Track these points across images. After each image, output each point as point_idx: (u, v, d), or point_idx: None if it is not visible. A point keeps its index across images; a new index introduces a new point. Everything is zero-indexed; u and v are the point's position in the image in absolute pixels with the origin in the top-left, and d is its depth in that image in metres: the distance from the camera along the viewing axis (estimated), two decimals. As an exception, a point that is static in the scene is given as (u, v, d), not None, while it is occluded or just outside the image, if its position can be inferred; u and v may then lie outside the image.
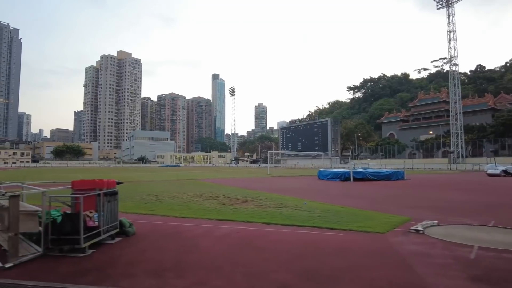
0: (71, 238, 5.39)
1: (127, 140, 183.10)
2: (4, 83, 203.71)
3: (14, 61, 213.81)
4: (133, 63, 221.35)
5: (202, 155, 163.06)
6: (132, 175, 38.64)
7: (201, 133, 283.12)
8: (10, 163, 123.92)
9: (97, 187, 6.13)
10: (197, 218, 8.84)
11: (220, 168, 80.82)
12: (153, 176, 34.53)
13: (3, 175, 37.71)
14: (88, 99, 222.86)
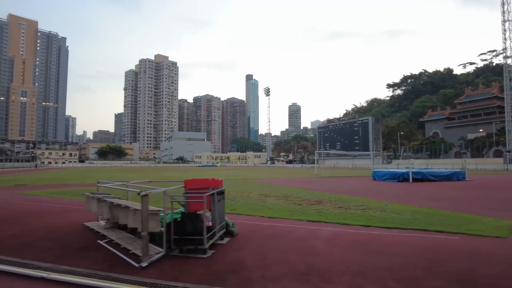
0: (194, 238, 5.30)
1: (165, 140, 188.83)
2: (54, 89, 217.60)
3: (62, 68, 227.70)
4: (170, 66, 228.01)
5: (238, 155, 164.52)
6: (182, 174, 39.53)
7: (235, 133, 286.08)
8: (60, 163, 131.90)
9: (210, 186, 6.04)
10: (285, 218, 8.63)
11: (259, 168, 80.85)
12: (203, 176, 35.00)
13: (65, 175, 39.90)
14: (128, 102, 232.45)
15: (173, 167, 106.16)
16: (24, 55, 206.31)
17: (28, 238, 6.60)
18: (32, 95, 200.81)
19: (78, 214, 9.68)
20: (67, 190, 18.08)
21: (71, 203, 11.98)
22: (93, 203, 7.36)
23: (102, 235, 6.76)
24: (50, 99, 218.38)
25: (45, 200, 13.06)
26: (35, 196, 14.66)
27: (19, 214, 9.56)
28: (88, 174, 39.89)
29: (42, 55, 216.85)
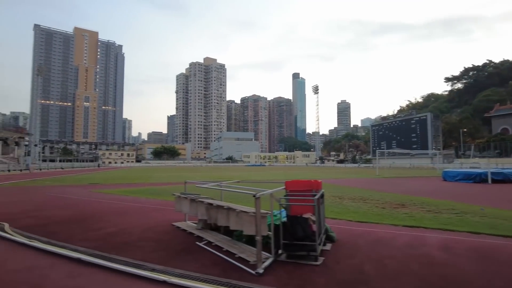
0: (305, 244, 4.97)
1: (215, 141, 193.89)
2: (112, 94, 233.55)
3: (119, 74, 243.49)
4: (218, 68, 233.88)
5: (286, 154, 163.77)
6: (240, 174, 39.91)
7: (282, 133, 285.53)
8: (119, 162, 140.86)
9: (313, 188, 5.69)
10: (377, 223, 8.03)
11: (311, 168, 79.50)
12: (261, 176, 35.04)
13: (128, 174, 42.25)
14: (180, 104, 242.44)
15: (225, 166, 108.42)
16: (87, 64, 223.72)
17: (126, 237, 6.72)
18: (93, 100, 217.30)
19: (162, 213, 9.87)
20: (138, 189, 18.91)
21: (150, 202, 12.34)
22: (184, 203, 7.37)
23: (197, 236, 6.71)
24: (109, 103, 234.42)
25: (124, 199, 13.63)
26: (112, 195, 15.41)
27: (107, 213, 9.96)
28: (149, 174, 41.82)
29: (102, 62, 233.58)
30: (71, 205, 11.92)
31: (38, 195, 15.40)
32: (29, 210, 10.62)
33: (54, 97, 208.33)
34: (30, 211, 10.39)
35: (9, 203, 12.58)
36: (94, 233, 7.03)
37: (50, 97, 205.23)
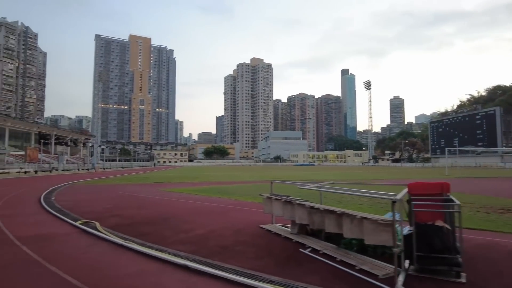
0: (446, 257, 4.22)
1: (262, 140, 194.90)
2: (165, 97, 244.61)
3: (170, 78, 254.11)
4: (265, 68, 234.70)
5: (336, 153, 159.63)
6: (297, 173, 39.27)
7: (330, 131, 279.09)
8: (173, 162, 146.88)
9: (443, 191, 4.89)
10: (494, 231, 6.96)
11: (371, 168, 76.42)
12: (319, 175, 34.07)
13: (186, 173, 43.46)
14: (228, 105, 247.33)
15: (274, 165, 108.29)
16: (141, 69, 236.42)
17: (220, 240, 6.42)
18: (148, 103, 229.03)
19: (242, 213, 9.58)
20: (204, 188, 19.04)
21: (224, 202, 12.15)
22: (276, 205, 6.92)
23: (296, 242, 6.21)
24: (162, 106, 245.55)
25: (197, 198, 13.62)
26: (183, 194, 15.55)
27: (187, 213, 9.86)
28: (206, 173, 42.65)
29: (155, 67, 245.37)
30: (149, 204, 12.10)
31: (113, 194, 16.02)
32: (110, 208, 10.90)
33: (112, 101, 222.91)
34: (112, 209, 10.65)
35: (90, 201, 13.14)
36: (185, 235, 6.83)
37: (109, 101, 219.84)
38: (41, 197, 14.30)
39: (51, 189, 18.26)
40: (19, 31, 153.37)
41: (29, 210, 10.61)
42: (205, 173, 40.60)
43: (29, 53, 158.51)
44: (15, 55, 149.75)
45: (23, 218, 9.02)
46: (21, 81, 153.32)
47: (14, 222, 8.33)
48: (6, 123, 70.06)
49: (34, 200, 13.48)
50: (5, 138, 68.54)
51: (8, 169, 39.96)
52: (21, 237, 6.56)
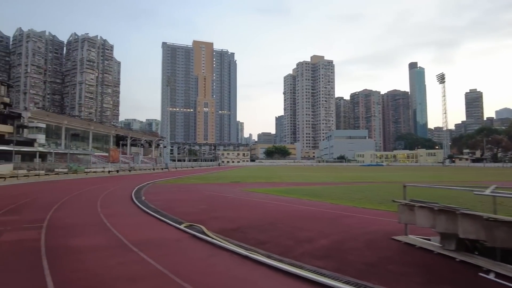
0: None
1: (324, 140, 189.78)
2: (226, 99, 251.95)
3: (232, 80, 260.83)
4: (326, 65, 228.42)
5: (406, 153, 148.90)
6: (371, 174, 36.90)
7: (398, 129, 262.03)
8: (236, 161, 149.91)
9: None
10: None
11: (453, 169, 69.79)
12: (405, 177, 31.42)
13: (253, 172, 43.30)
14: (287, 105, 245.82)
15: (339, 166, 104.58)
16: (204, 73, 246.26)
17: (358, 255, 5.33)
18: (211, 106, 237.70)
19: (355, 220, 8.42)
20: (286, 188, 18.16)
21: (321, 205, 11.04)
22: (421, 214, 5.62)
23: (461, 261, 4.86)
24: (224, 108, 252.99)
25: (289, 201, 12.72)
26: (269, 195, 14.78)
27: (289, 217, 8.96)
28: (273, 173, 41.98)
29: (217, 70, 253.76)
30: (242, 205, 11.50)
31: (199, 193, 15.85)
32: (206, 210, 10.44)
33: (179, 105, 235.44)
34: (208, 211, 10.17)
35: (181, 201, 12.94)
36: (310, 246, 5.86)
37: (176, 104, 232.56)
38: (132, 196, 14.56)
39: (137, 188, 18.81)
40: (98, 44, 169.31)
41: (127, 210, 10.58)
42: (276, 173, 39.92)
43: (106, 63, 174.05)
44: (95, 66, 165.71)
45: (125, 219, 8.85)
46: (100, 89, 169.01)
47: (119, 223, 8.13)
48: (89, 127, 77.20)
49: (126, 198, 13.72)
50: (89, 140, 75.60)
51: (94, 169, 43.40)
52: (135, 242, 6.14)
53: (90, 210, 10.49)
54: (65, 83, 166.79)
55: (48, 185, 21.41)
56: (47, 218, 8.69)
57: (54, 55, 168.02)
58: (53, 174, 34.15)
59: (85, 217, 9.14)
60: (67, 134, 66.92)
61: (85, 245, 5.93)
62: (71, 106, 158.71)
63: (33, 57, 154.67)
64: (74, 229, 7.39)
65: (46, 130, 58.11)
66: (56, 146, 58.70)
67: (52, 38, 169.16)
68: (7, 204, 11.74)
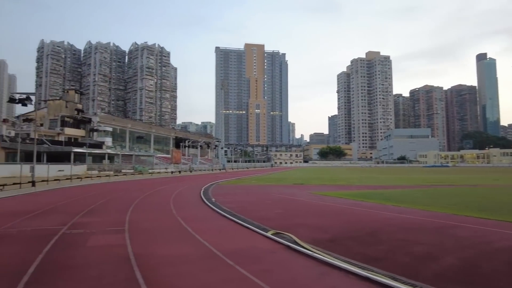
0: None
1: (382, 139, 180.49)
2: (278, 100, 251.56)
3: (283, 81, 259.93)
4: (383, 61, 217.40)
5: (476, 153, 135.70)
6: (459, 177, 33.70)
7: (464, 127, 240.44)
8: (288, 163, 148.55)
9: None
10: None
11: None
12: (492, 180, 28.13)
13: (314, 174, 41.93)
14: (341, 103, 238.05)
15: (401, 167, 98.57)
16: (256, 75, 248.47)
17: (505, 281, 4.08)
18: (263, 107, 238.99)
19: (469, 232, 7.00)
20: (359, 192, 16.78)
21: (416, 213, 9.68)
22: None
23: None
24: (275, 109, 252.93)
25: (372, 206, 11.45)
26: (343, 199, 13.59)
27: (388, 226, 7.78)
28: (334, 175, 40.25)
29: (268, 72, 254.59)
30: (320, 211, 10.51)
31: (268, 196, 15.14)
32: (283, 214, 9.64)
33: (232, 107, 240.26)
34: (286, 216, 9.36)
35: (253, 204, 12.28)
36: (436, 266, 4.76)
37: (229, 107, 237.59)
38: (201, 196, 14.29)
39: (204, 188, 18.65)
40: (156, 52, 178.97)
41: (202, 213, 10.13)
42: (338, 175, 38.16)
43: (164, 69, 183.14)
44: (154, 72, 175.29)
45: (205, 224, 8.32)
46: (158, 94, 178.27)
47: (201, 228, 7.57)
48: (151, 130, 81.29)
49: (197, 200, 13.44)
50: (151, 142, 79.58)
51: (158, 170, 45.15)
52: (226, 252, 5.47)
53: (166, 212, 10.21)
54: (127, 90, 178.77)
55: (119, 185, 22.26)
56: (126, 221, 8.47)
57: (118, 64, 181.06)
58: (121, 174, 36.00)
59: (163, 220, 8.81)
60: (130, 136, 71.08)
61: (175, 255, 5.38)
62: (133, 111, 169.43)
63: (100, 66, 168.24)
64: (157, 234, 6.98)
65: (112, 133, 62.16)
66: (121, 148, 62.48)
67: (115, 48, 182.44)
68: (87, 204, 11.99)
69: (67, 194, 16.24)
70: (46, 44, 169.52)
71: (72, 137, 54.32)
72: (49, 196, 15.29)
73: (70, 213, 9.81)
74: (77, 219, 8.63)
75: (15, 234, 6.81)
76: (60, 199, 13.83)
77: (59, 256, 5.22)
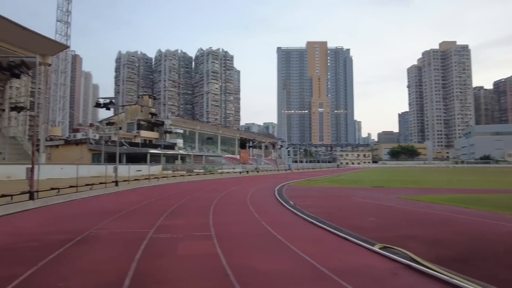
0: None
1: (461, 137, 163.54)
2: (342, 98, 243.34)
3: (348, 78, 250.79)
4: (459, 51, 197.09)
5: None
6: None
7: None
8: (356, 163, 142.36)
9: None
10: None
11: None
12: None
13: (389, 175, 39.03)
14: (413, 99, 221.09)
15: (486, 167, 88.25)
16: (318, 73, 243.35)
17: None
18: (326, 105, 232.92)
19: None
20: (455, 196, 14.66)
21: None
22: None
23: None
24: (340, 107, 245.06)
25: (484, 215, 9.64)
26: (441, 205, 11.79)
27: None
28: (417, 176, 36.88)
29: (332, 69, 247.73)
30: (427, 220, 9.03)
31: (347, 199, 13.91)
32: (379, 223, 8.43)
33: (294, 107, 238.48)
34: (384, 225, 8.15)
35: (338, 209, 11.18)
36: None
37: (291, 107, 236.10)
38: (277, 199, 13.61)
39: (276, 190, 17.99)
40: (220, 56, 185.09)
41: (286, 217, 9.35)
42: (419, 177, 34.90)
43: (228, 73, 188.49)
44: (219, 76, 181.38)
45: (294, 231, 7.49)
46: (223, 97, 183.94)
47: (291, 237, 6.77)
48: (218, 131, 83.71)
49: (273, 201, 12.78)
50: (218, 143, 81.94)
51: (226, 169, 45.94)
52: (333, 270, 4.58)
53: (247, 215, 9.65)
54: (195, 94, 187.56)
55: (193, 185, 22.69)
56: (211, 224, 8.04)
57: (185, 70, 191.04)
58: (194, 174, 37.19)
59: (247, 225, 8.21)
60: (199, 138, 73.95)
61: (276, 271, 4.63)
62: (200, 114, 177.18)
63: (169, 73, 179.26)
64: (246, 242, 6.35)
65: (182, 135, 65.17)
66: (191, 149, 65.18)
67: (183, 55, 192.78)
68: (168, 204, 12.01)
69: (147, 193, 16.76)
70: (123, 55, 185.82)
71: (147, 139, 58.02)
72: (131, 195, 15.88)
73: (153, 214, 9.75)
74: (162, 221, 8.44)
75: (106, 237, 6.71)
76: (142, 198, 14.18)
77: (152, 266, 4.81)
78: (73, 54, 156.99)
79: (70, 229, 7.35)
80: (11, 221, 8.66)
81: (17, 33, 25.70)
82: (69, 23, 66.10)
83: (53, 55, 33.41)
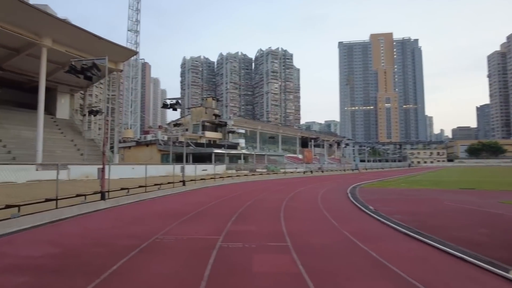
0: None
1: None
2: (412, 91, 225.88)
3: (417, 70, 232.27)
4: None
5: None
6: None
7: None
8: (428, 162, 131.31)
9: None
10: None
11: None
12: None
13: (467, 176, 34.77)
14: (495, 90, 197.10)
15: None
16: (384, 66, 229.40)
17: None
18: (394, 100, 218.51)
19: None
20: None
21: None
22: None
23: None
24: (409, 102, 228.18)
25: None
26: None
27: None
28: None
29: (399, 61, 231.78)
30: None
31: (434, 204, 11.95)
32: (499, 238, 6.69)
33: (358, 103, 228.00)
34: (507, 242, 6.40)
35: (427, 215, 9.46)
36: None
37: (355, 103, 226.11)
38: (353, 202, 12.21)
39: (348, 192, 16.48)
40: (279, 56, 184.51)
41: (370, 226, 8.01)
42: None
43: (287, 72, 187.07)
44: (278, 76, 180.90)
45: (386, 245, 6.17)
46: (283, 96, 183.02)
47: (387, 253, 5.52)
48: (279, 131, 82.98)
49: (349, 206, 11.41)
50: (279, 143, 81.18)
51: (289, 169, 44.89)
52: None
53: (324, 222, 8.50)
54: (255, 94, 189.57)
55: (257, 185, 22.08)
56: (285, 232, 7.08)
57: (245, 71, 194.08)
58: (257, 174, 36.82)
59: (327, 234, 7.09)
60: (260, 137, 73.93)
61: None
62: (260, 114, 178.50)
63: (230, 75, 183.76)
64: (332, 258, 5.23)
65: (244, 135, 65.67)
66: (252, 149, 65.36)
67: (243, 57, 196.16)
68: (235, 206, 11.38)
69: (213, 193, 16.46)
70: (187, 60, 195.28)
71: (212, 140, 59.46)
72: (198, 195, 15.67)
73: (221, 217, 9.11)
74: (230, 227, 7.70)
75: (172, 244, 6.11)
76: (208, 199, 13.80)
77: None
78: (143, 62, 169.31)
79: (136, 233, 6.95)
80: (82, 221, 8.65)
81: (92, 43, 27.62)
82: (138, 31, 70.67)
83: (123, 61, 35.50)
